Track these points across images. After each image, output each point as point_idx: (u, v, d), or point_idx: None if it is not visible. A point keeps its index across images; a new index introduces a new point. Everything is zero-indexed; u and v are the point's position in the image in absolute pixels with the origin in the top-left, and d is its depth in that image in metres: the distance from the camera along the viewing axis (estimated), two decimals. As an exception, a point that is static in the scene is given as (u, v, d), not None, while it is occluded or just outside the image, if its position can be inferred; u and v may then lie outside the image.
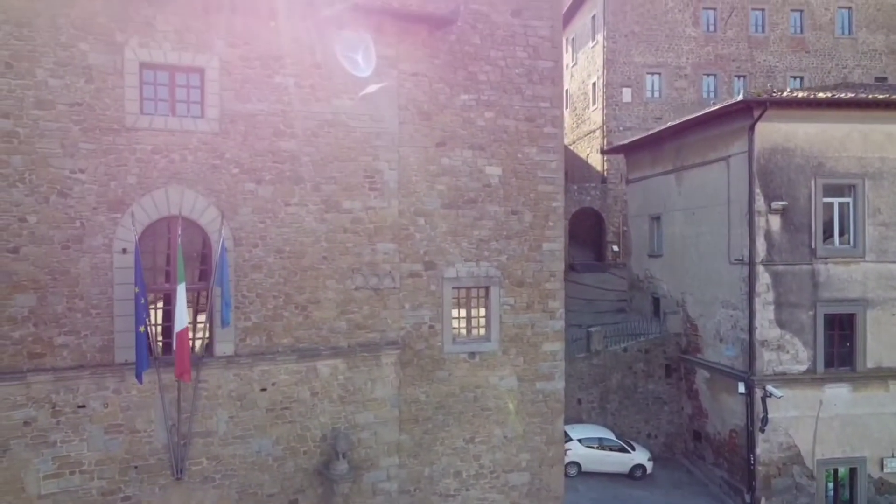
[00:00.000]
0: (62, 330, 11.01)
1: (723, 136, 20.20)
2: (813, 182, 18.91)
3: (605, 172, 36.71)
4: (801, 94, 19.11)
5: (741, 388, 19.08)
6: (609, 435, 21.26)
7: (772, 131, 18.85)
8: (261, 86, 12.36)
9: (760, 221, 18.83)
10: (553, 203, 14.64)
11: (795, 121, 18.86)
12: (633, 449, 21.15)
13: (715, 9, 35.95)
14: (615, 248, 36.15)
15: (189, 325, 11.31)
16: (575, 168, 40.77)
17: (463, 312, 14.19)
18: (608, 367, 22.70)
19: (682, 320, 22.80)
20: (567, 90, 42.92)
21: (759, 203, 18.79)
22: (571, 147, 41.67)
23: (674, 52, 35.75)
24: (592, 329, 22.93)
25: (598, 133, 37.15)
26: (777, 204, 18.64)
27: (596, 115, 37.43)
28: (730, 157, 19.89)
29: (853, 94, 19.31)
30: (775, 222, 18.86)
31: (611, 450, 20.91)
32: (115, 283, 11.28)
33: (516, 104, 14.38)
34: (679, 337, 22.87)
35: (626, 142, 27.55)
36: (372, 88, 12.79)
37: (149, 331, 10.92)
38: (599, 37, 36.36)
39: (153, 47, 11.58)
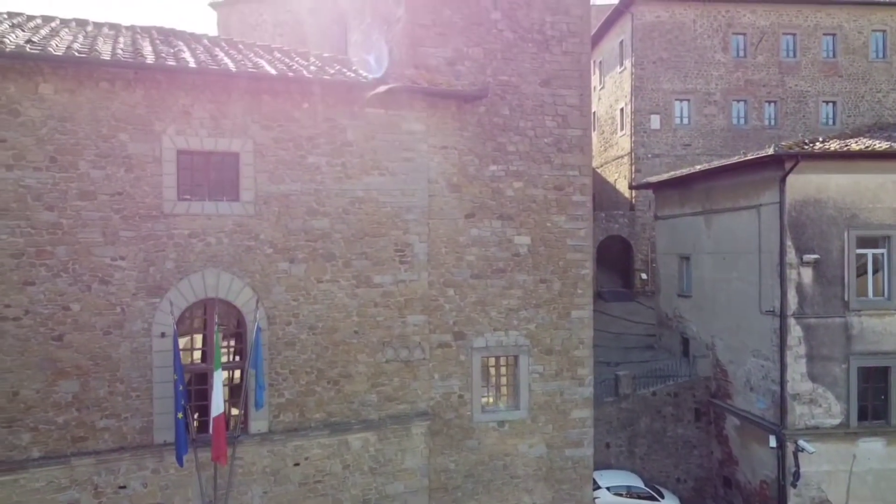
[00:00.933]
0: (104, 413, 11.36)
1: (753, 184, 20.04)
2: (846, 234, 18.68)
3: (633, 199, 36.52)
4: (833, 146, 18.89)
5: (772, 442, 18.91)
6: (637, 482, 21.19)
7: (803, 183, 18.67)
8: (294, 166, 12.61)
9: (792, 274, 18.65)
10: (582, 270, 14.69)
11: (827, 172, 18.66)
12: (663, 496, 21.07)
13: (745, 34, 35.60)
14: (643, 275, 35.95)
15: (224, 407, 11.57)
16: (603, 193, 40.64)
17: (492, 381, 14.29)
18: (637, 410, 22.63)
19: (711, 364, 22.64)
20: (594, 113, 42.83)
21: (791, 255, 18.61)
22: (599, 170, 41.56)
23: (703, 78, 35.47)
24: (621, 373, 22.87)
25: (626, 159, 37.00)
26: (809, 257, 18.45)
27: (624, 141, 37.28)
28: (760, 206, 19.73)
29: (888, 144, 19.02)
30: (807, 274, 18.67)
31: (639, 497, 20.84)
32: (155, 367, 11.60)
33: (545, 173, 14.46)
34: (709, 380, 22.72)
35: (654, 179, 27.42)
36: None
37: (187, 415, 11.21)
38: (627, 63, 36.21)
39: (190, 134, 11.89)
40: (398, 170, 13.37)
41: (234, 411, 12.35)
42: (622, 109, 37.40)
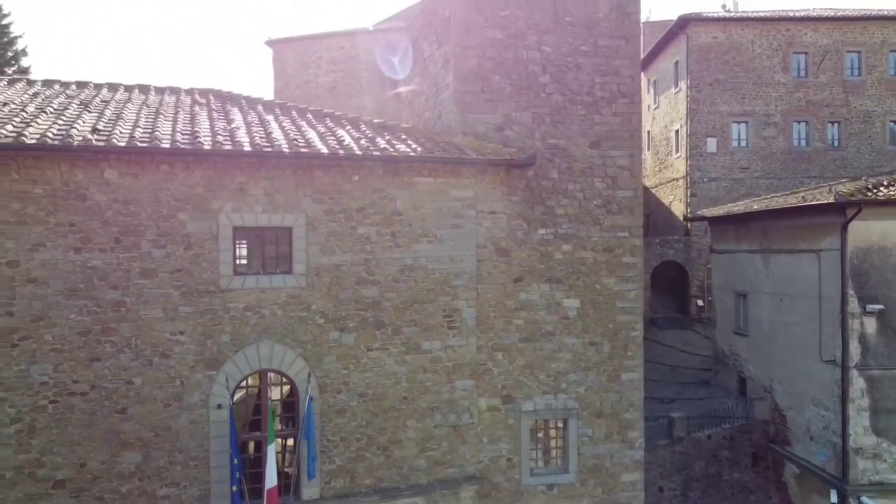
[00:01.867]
0: (164, 482, 11.84)
1: (813, 228, 19.45)
2: (913, 283, 17.95)
3: (689, 224, 35.81)
4: (899, 192, 18.17)
5: (833, 497, 18.32)
6: (692, 529, 20.81)
7: (867, 230, 18.03)
8: (344, 238, 12.88)
9: (854, 324, 18.03)
10: (632, 332, 14.55)
11: (892, 218, 17.98)
12: (718, 545, 20.63)
13: (806, 53, 34.51)
14: (699, 302, 35.21)
15: (278, 477, 11.91)
16: (658, 215, 40.01)
17: (541, 444, 14.29)
18: (691, 453, 22.21)
19: (769, 408, 22.06)
20: (649, 132, 42.19)
21: (853, 304, 18.00)
22: (654, 191, 40.91)
23: (762, 99, 34.54)
24: (675, 415, 22.49)
25: (681, 182, 36.33)
26: (873, 307, 17.81)
27: (679, 164, 36.60)
28: (821, 251, 19.13)
29: (958, 188, 18.19)
30: (871, 324, 18.03)
31: (693, 545, 20.46)
32: (212, 437, 12.03)
33: (594, 235, 14.39)
34: (767, 424, 22.13)
35: (708, 213, 26.86)
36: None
37: (242, 487, 11.59)
38: (682, 85, 35.54)
39: (245, 211, 12.28)
40: (447, 236, 13.51)
41: (288, 468, 12.69)
42: (677, 131, 36.72)
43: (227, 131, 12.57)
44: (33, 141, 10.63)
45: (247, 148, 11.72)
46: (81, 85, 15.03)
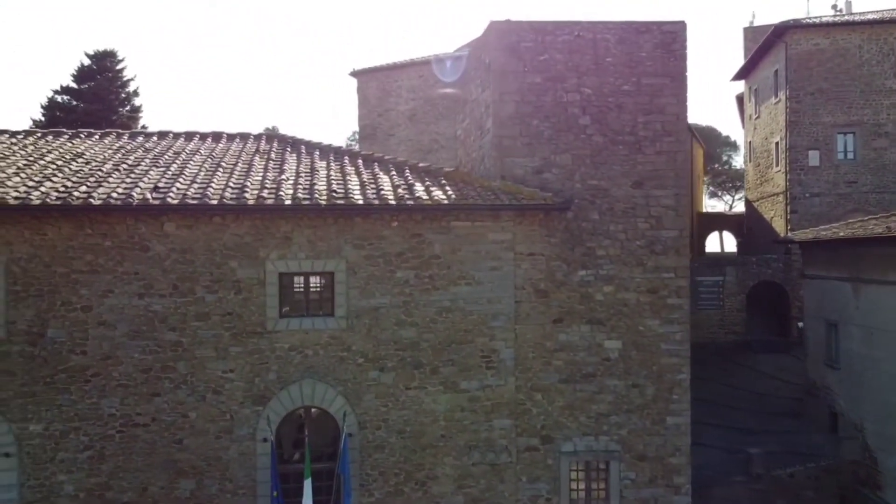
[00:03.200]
0: (215, 508, 12.91)
1: (902, 259, 18.10)
2: None
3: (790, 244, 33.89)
4: None
5: (921, 551, 16.97)
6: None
7: (959, 263, 16.60)
8: (384, 281, 13.50)
9: (945, 365, 16.64)
10: (678, 376, 14.25)
11: None
12: (796, 592, 19.56)
13: (923, 56, 31.82)
14: (800, 324, 33.23)
15: (317, 509, 12.66)
16: (758, 230, 38.17)
17: (581, 486, 14.28)
18: (771, 492, 21.12)
19: (860, 448, 20.65)
20: (750, 142, 40.32)
21: (944, 345, 16.61)
22: (756, 205, 39.08)
23: (871, 108, 32.19)
24: (753, 451, 21.50)
25: (781, 198, 34.49)
26: (965, 348, 16.38)
27: (779, 178, 34.77)
28: (911, 284, 17.78)
29: None
30: (964, 367, 16.57)
31: (769, 590, 19.51)
32: (258, 468, 12.98)
33: (637, 276, 14.21)
34: (857, 465, 20.72)
35: (797, 237, 25.44)
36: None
37: (282, 517, 12.45)
38: (782, 95, 33.77)
39: (290, 258, 13.17)
40: (484, 278, 13.82)
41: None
42: (777, 143, 34.88)
43: (275, 182, 13.52)
44: (100, 202, 11.97)
45: (287, 202, 12.59)
46: (162, 135, 16.58)
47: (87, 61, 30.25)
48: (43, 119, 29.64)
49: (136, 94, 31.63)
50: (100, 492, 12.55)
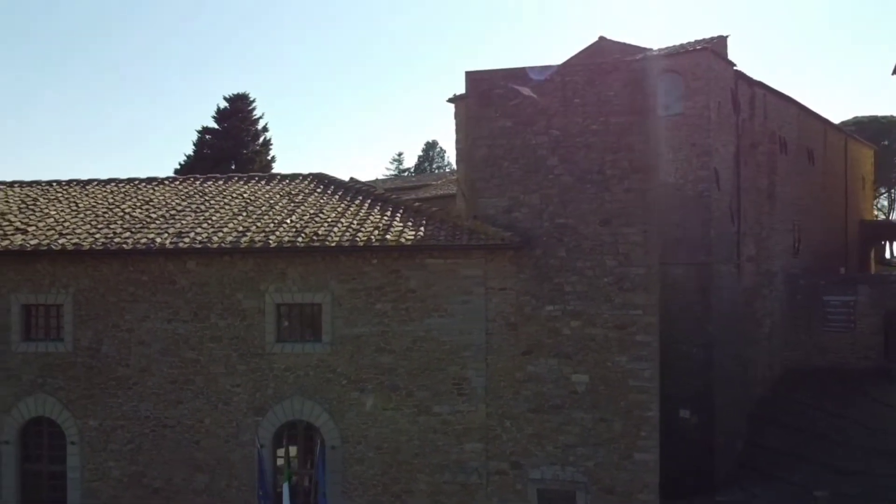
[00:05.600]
0: (223, 500, 15.41)
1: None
2: None
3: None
4: None
5: None
6: None
7: None
8: (365, 312, 15.17)
9: None
10: (646, 413, 14.28)
11: None
12: None
13: None
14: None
15: (299, 510, 14.66)
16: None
17: (550, 512, 14.81)
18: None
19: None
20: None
21: None
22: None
23: None
24: (818, 493, 19.97)
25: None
26: None
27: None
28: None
29: None
30: None
31: None
32: (257, 469, 15.27)
33: (605, 312, 14.48)
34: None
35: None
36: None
37: (268, 513, 14.62)
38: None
39: (285, 291, 15.33)
40: (457, 311, 14.94)
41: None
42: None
43: (276, 223, 15.76)
44: (130, 247, 15.04)
45: (272, 245, 14.76)
46: (219, 179, 19.69)
47: (224, 104, 35.53)
48: (193, 153, 35.21)
49: (265, 129, 36.27)
50: (138, 478, 15.60)
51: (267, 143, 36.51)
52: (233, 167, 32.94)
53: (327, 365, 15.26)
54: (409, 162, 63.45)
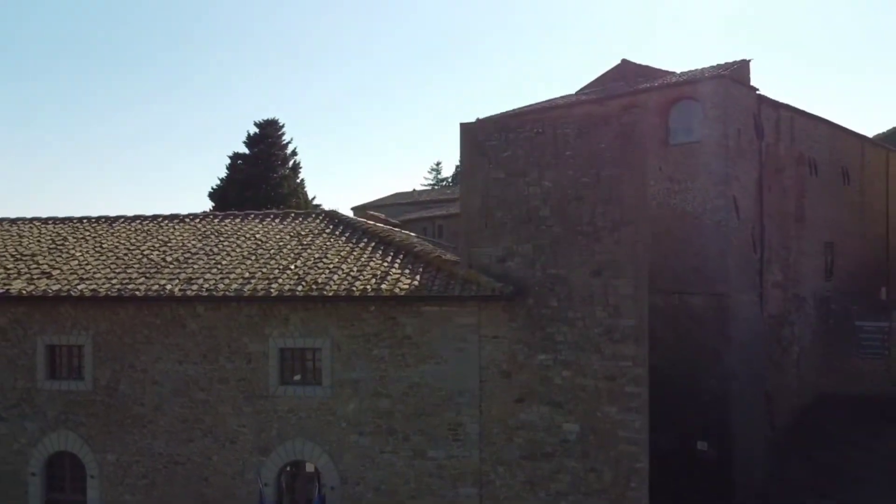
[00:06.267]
0: (232, 535, 16.14)
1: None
2: None
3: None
4: None
5: None
6: None
7: None
8: (363, 357, 15.66)
9: None
10: (636, 464, 14.37)
11: None
12: None
13: None
14: None
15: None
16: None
17: (542, 558, 15.04)
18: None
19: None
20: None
21: None
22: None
23: None
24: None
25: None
26: None
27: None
28: None
29: None
30: None
31: None
32: (262, 506, 15.96)
33: (595, 363, 14.62)
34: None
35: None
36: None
37: (270, 550, 15.26)
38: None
39: (287, 336, 15.93)
40: (451, 358, 15.30)
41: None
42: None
43: (282, 269, 16.37)
44: (142, 294, 15.85)
45: (273, 294, 15.36)
46: (237, 216, 20.47)
47: (254, 129, 36.54)
48: (226, 177, 36.37)
49: (294, 153, 37.14)
50: (152, 511, 16.48)
51: (296, 167, 37.53)
52: (263, 189, 34.00)
53: (328, 408, 15.81)
54: (448, 171, 63.79)
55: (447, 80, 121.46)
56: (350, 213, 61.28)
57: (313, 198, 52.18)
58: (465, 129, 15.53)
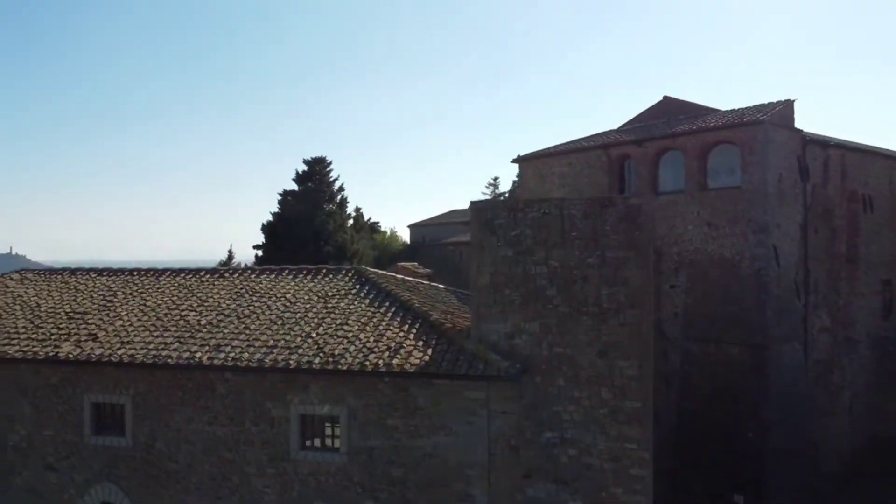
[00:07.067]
0: (257, 589, 17.04)
1: None
2: None
3: None
4: None
5: None
6: None
7: None
8: (378, 426, 16.24)
9: None
10: (641, 545, 14.40)
11: None
12: None
13: None
14: None
15: None
16: None
17: None
18: None
19: None
20: None
21: None
22: None
23: None
24: None
25: None
26: None
27: None
28: None
29: None
30: None
31: None
32: (284, 564, 16.78)
33: (600, 443, 14.72)
34: None
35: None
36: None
37: None
38: None
39: (307, 403, 16.68)
40: (461, 430, 15.69)
41: None
42: None
43: (304, 336, 17.14)
44: (173, 362, 16.93)
45: (292, 366, 16.14)
46: (272, 271, 21.40)
47: (303, 167, 37.81)
48: (278, 212, 37.80)
49: (341, 189, 38.19)
50: (187, 565, 17.57)
51: (343, 203, 38.64)
52: (311, 226, 35.20)
53: (344, 473, 16.47)
54: (505, 185, 63.93)
55: (501, 110, 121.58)
56: (407, 232, 62.87)
57: (368, 219, 53.48)
58: (476, 207, 15.86)
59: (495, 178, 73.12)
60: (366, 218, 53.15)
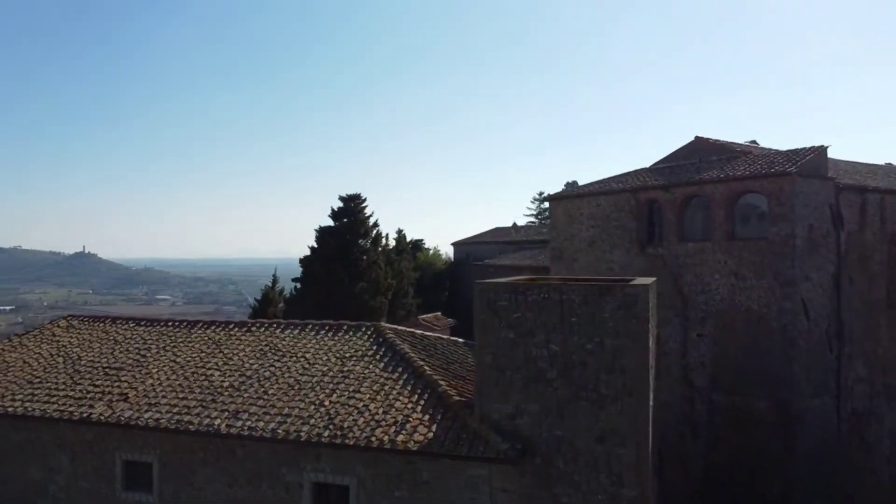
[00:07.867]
0: None
1: None
2: None
3: None
4: None
5: None
6: None
7: None
8: (387, 496, 16.69)
9: None
10: None
11: None
12: None
13: None
14: None
15: None
16: None
17: None
18: None
19: None
20: None
21: None
22: None
23: None
24: None
25: None
26: None
27: None
28: None
29: None
30: None
31: None
32: None
33: (599, 529, 14.80)
34: None
35: None
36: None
37: None
38: None
39: (319, 471, 17.27)
40: (465, 506, 16.03)
41: None
42: None
43: (318, 404, 17.75)
44: (194, 429, 17.78)
45: (302, 438, 16.76)
46: (296, 326, 22.14)
47: (338, 203, 38.64)
48: (316, 248, 38.76)
49: (375, 225, 38.88)
50: None
51: (377, 238, 39.35)
52: (346, 262, 36.07)
53: (355, 541, 17.02)
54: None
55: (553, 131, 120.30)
56: (451, 249, 63.30)
57: (412, 240, 54.17)
58: (480, 288, 16.11)
59: (540, 193, 72.74)
60: (408, 239, 53.87)
